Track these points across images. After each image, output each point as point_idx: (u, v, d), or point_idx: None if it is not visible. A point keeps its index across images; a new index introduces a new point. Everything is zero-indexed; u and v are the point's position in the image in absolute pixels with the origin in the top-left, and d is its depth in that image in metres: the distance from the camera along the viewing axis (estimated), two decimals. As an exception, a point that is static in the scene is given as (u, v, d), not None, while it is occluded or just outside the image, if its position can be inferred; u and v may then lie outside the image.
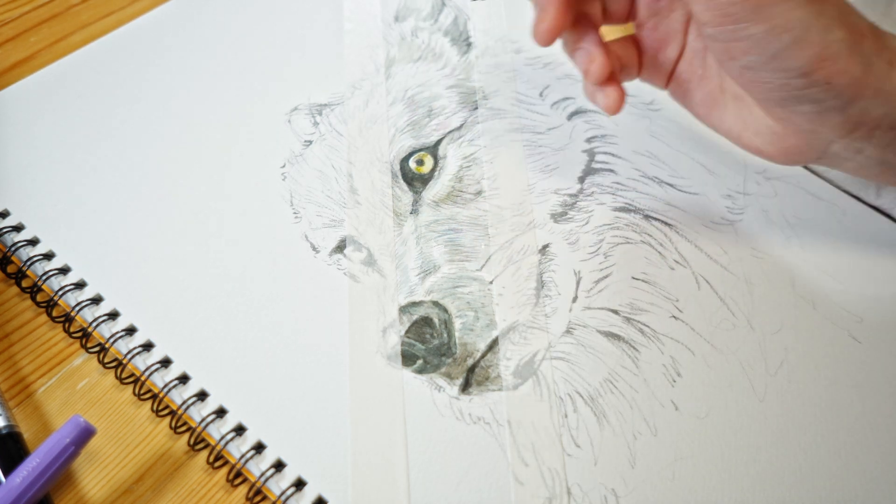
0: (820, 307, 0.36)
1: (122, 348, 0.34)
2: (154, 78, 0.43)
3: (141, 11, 0.46)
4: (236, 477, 0.31)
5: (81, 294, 0.35)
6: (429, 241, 0.37)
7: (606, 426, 0.33)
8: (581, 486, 0.31)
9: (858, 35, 0.30)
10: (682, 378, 0.34)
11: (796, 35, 0.29)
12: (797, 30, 0.29)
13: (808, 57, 0.30)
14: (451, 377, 0.33)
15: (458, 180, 0.40)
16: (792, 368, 0.35)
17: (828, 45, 0.30)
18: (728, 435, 0.33)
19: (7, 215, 0.37)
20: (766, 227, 0.39)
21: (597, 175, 0.40)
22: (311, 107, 0.42)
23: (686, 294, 0.36)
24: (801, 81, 0.31)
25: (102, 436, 0.32)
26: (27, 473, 0.28)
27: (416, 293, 0.36)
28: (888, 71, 0.30)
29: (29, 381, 0.34)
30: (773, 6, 0.29)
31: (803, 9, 0.29)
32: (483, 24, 0.47)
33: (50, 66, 0.43)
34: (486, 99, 0.43)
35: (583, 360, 0.34)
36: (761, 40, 0.30)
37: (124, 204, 0.38)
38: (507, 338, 0.34)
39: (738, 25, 0.30)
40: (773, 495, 0.31)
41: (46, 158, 0.39)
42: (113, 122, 0.41)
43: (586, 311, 0.36)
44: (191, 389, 0.33)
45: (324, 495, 0.30)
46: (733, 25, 0.30)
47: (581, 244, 0.38)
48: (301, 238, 0.37)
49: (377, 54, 0.45)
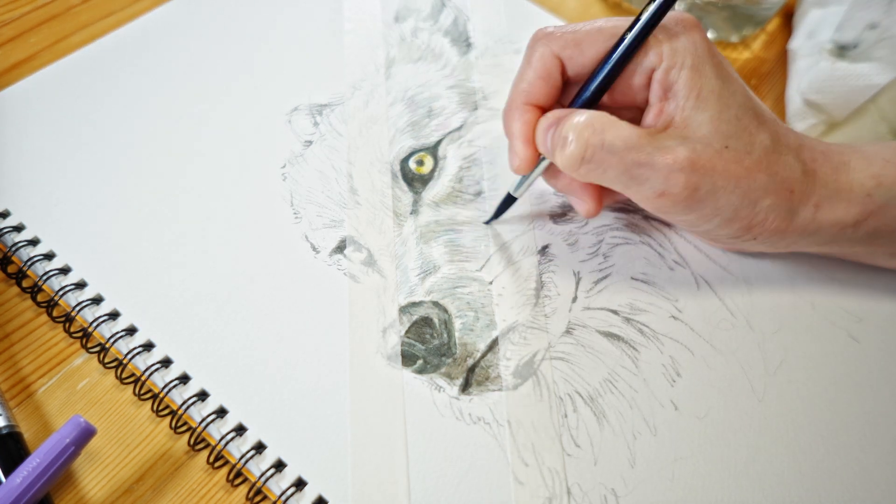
0: (820, 307, 0.37)
1: (122, 348, 0.34)
2: (154, 78, 0.43)
3: (141, 11, 0.46)
4: (236, 477, 0.31)
5: (81, 294, 0.35)
6: (429, 241, 0.37)
7: (606, 426, 0.33)
8: (581, 486, 0.31)
9: (786, 193, 0.32)
10: (681, 378, 0.34)
11: (725, 217, 0.32)
12: (726, 212, 0.32)
13: (737, 229, 0.33)
14: (451, 377, 0.33)
15: (458, 181, 0.40)
16: (791, 368, 0.35)
17: (755, 214, 0.32)
18: (728, 435, 0.33)
19: (7, 215, 0.37)
20: (765, 227, 0.39)
21: (596, 175, 0.40)
22: (311, 107, 0.42)
23: (685, 294, 0.36)
24: (731, 241, 0.35)
25: (102, 436, 0.32)
26: (27, 473, 0.28)
27: (416, 293, 0.36)
28: (813, 214, 0.33)
29: (29, 381, 0.34)
30: (701, 202, 0.31)
31: (731, 194, 0.31)
32: (483, 24, 0.47)
33: (50, 66, 0.43)
34: (486, 99, 0.43)
35: (582, 360, 0.34)
36: (694, 222, 0.33)
37: (125, 204, 0.38)
38: (507, 338, 0.34)
39: (671, 216, 0.34)
40: (773, 495, 0.31)
41: (46, 158, 0.39)
42: (113, 122, 0.41)
43: (586, 311, 0.36)
44: (191, 389, 0.33)
45: (324, 495, 0.31)
46: (667, 216, 0.34)
47: (580, 245, 0.38)
48: (301, 238, 0.37)
49: (377, 54, 0.45)
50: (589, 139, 0.30)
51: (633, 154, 0.30)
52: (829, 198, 0.33)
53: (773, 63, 0.49)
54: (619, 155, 0.30)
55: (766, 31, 0.51)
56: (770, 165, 0.32)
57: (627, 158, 0.30)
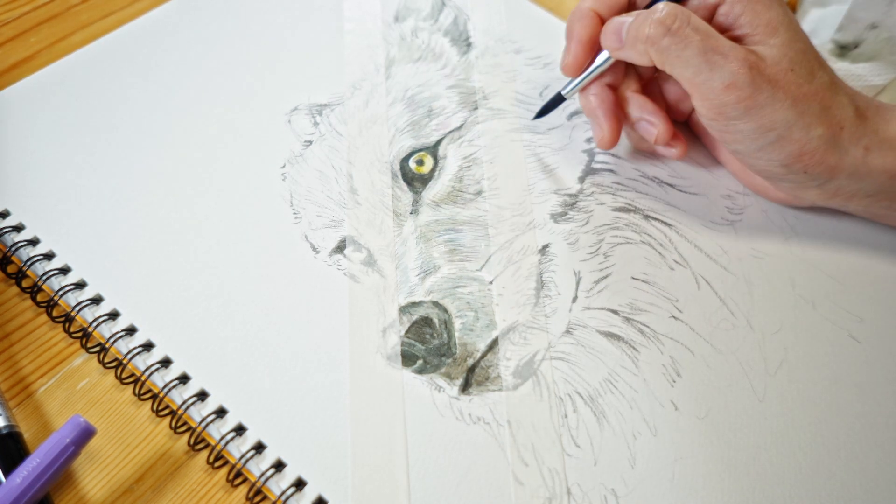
0: (820, 307, 0.36)
1: (122, 348, 0.34)
2: (154, 78, 0.43)
3: (141, 11, 0.46)
4: (236, 477, 0.31)
5: (81, 294, 0.35)
6: (429, 241, 0.37)
7: (606, 426, 0.33)
8: (581, 486, 0.31)
9: (837, 128, 0.34)
10: (681, 378, 0.34)
11: (779, 133, 0.33)
12: (781, 129, 0.33)
13: (789, 152, 0.34)
14: (451, 377, 0.33)
15: (458, 180, 0.40)
16: (792, 368, 0.35)
17: (808, 141, 0.33)
18: (728, 435, 0.33)
19: (7, 215, 0.37)
20: (766, 227, 0.39)
21: (597, 175, 0.40)
22: (311, 107, 0.42)
23: (686, 294, 0.36)
24: (782, 169, 0.35)
25: (102, 436, 0.32)
26: (27, 473, 0.28)
27: (416, 293, 0.36)
28: (863, 156, 0.34)
29: (29, 381, 0.34)
30: (760, 108, 0.33)
31: (788, 110, 0.33)
32: (483, 24, 0.47)
33: (50, 66, 0.43)
34: (486, 99, 0.43)
35: (583, 360, 0.34)
36: (749, 135, 0.34)
37: (124, 204, 0.38)
38: (507, 338, 0.34)
39: (728, 122, 0.34)
40: (773, 495, 0.31)
41: (46, 158, 0.39)
42: (113, 122, 0.41)
43: (586, 311, 0.36)
44: (191, 389, 0.33)
45: (324, 495, 0.30)
46: (725, 121, 0.34)
47: (581, 244, 0.38)
48: (301, 238, 0.37)
49: (377, 54, 0.45)
50: (679, 12, 0.33)
51: (714, 40, 0.33)
52: (879, 144, 0.34)
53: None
54: (702, 34, 0.33)
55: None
56: (826, 98, 0.33)
57: (709, 40, 0.33)
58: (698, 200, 0.40)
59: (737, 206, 0.40)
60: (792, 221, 0.39)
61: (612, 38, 0.36)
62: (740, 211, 0.39)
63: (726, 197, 0.40)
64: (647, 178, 0.40)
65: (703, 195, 0.40)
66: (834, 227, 0.39)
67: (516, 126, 0.42)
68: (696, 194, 0.40)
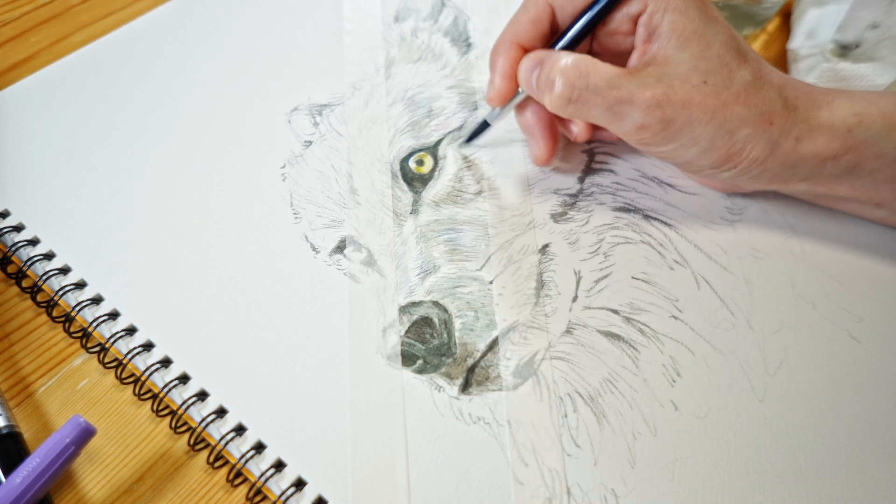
0: (820, 307, 0.36)
1: (122, 348, 0.34)
2: (154, 78, 0.43)
3: (141, 11, 0.46)
4: (236, 477, 0.31)
5: (81, 294, 0.35)
6: (429, 241, 0.37)
7: (606, 426, 0.33)
8: (581, 486, 0.31)
9: (766, 124, 0.33)
10: (681, 378, 0.34)
11: (703, 147, 0.34)
12: (703, 143, 0.34)
13: (716, 157, 0.34)
14: (451, 377, 0.33)
15: (458, 180, 0.40)
16: (792, 368, 0.35)
17: (732, 144, 0.33)
18: (728, 435, 0.33)
19: (7, 215, 0.37)
20: (765, 227, 0.39)
21: (596, 175, 0.40)
22: (311, 107, 0.42)
23: (686, 294, 0.36)
24: (712, 171, 0.35)
25: (102, 436, 0.32)
26: (27, 473, 0.28)
27: (416, 293, 0.36)
28: (794, 145, 0.34)
29: (29, 381, 0.34)
30: (678, 133, 0.33)
31: (707, 125, 0.33)
32: (483, 24, 0.47)
33: (50, 66, 0.43)
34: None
35: (583, 360, 0.34)
36: (674, 152, 0.35)
37: (124, 204, 0.38)
38: (507, 338, 0.34)
39: (650, 147, 0.35)
40: (773, 495, 0.31)
41: (46, 158, 0.39)
42: (113, 122, 0.41)
43: (586, 310, 0.36)
44: (191, 389, 0.33)
45: (324, 495, 0.30)
46: (648, 147, 0.35)
47: (581, 244, 0.38)
48: (301, 238, 0.37)
49: (377, 54, 0.45)
50: (574, 82, 0.33)
51: (615, 92, 0.33)
52: (809, 131, 0.34)
53: (773, 63, 0.49)
54: (602, 94, 0.33)
55: (766, 31, 0.51)
56: (749, 98, 0.33)
57: (610, 97, 0.33)
58: (698, 200, 0.40)
59: (736, 206, 0.40)
60: (792, 221, 0.39)
61: (526, 84, 0.36)
62: (740, 211, 0.39)
63: (726, 197, 0.40)
64: (646, 178, 0.40)
65: (703, 195, 0.40)
66: (834, 227, 0.39)
67: (516, 126, 0.42)
68: (695, 194, 0.40)
